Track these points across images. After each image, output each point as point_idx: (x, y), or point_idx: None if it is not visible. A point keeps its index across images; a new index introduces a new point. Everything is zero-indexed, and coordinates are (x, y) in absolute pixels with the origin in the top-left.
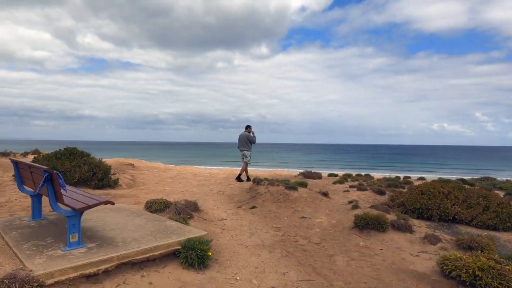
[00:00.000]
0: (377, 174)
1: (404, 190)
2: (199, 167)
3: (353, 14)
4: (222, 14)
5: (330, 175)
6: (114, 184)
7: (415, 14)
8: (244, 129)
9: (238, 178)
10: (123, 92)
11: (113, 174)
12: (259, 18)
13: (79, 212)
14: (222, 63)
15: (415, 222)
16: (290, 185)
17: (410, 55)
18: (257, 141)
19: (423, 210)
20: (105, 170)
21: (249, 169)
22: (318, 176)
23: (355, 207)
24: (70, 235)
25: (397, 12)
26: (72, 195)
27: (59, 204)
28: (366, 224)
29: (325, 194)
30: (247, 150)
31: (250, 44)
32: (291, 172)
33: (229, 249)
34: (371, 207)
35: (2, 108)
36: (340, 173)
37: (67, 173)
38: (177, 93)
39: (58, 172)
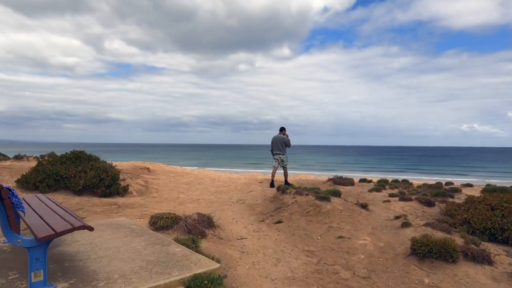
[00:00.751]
0: (409, 177)
1: (459, 201)
2: (219, 169)
3: (377, 13)
4: (244, 17)
5: (362, 180)
6: (123, 192)
7: (443, 11)
8: (278, 132)
9: (286, 183)
10: (148, 96)
11: (123, 180)
12: (281, 19)
13: (43, 243)
14: (244, 65)
15: (490, 248)
16: (322, 195)
17: (437, 53)
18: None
19: (496, 230)
20: (113, 176)
21: (268, 172)
22: (350, 182)
23: (406, 224)
24: (32, 273)
25: (423, 9)
26: (43, 211)
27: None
28: (429, 252)
29: (364, 206)
30: (283, 154)
31: (272, 46)
32: (318, 176)
33: (250, 285)
34: (426, 224)
35: (36, 113)
36: (369, 176)
37: (71, 179)
38: (200, 96)
39: (10, 188)
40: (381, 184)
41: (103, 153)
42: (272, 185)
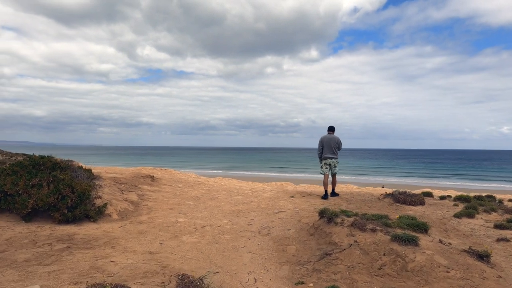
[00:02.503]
0: (457, 184)
1: None
2: (246, 173)
3: (409, 12)
4: (272, 20)
5: (426, 194)
6: (96, 214)
7: (482, 7)
8: (326, 132)
9: (333, 193)
10: (177, 100)
11: (96, 197)
12: (309, 21)
13: None
14: (272, 68)
15: None
16: (401, 235)
17: (475, 52)
18: (307, 146)
19: None
20: (82, 192)
21: (298, 178)
22: (418, 200)
23: None
24: None
25: (460, 6)
26: None
27: None
28: None
29: (483, 257)
30: (335, 158)
31: (299, 48)
32: (362, 186)
33: None
34: None
35: (74, 117)
36: (408, 182)
37: (16, 197)
38: (228, 99)
39: None
40: (472, 206)
41: (133, 155)
42: (326, 196)
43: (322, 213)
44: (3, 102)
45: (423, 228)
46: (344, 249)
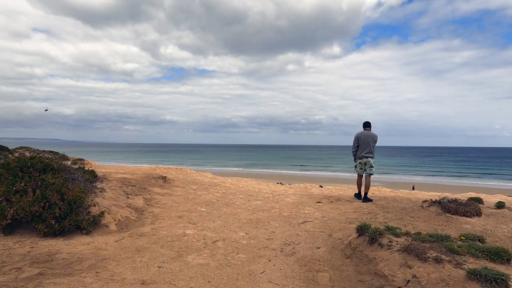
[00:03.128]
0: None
1: None
2: (267, 170)
3: (436, 5)
4: (294, 17)
5: (475, 200)
6: (89, 225)
7: None
8: (362, 128)
9: (365, 198)
10: (199, 98)
11: (92, 205)
12: (331, 17)
13: None
14: (293, 65)
15: None
16: (481, 272)
17: (506, 45)
18: (328, 143)
19: None
20: (73, 199)
21: (322, 177)
22: (474, 210)
23: None
24: None
25: None
26: None
27: None
28: None
29: None
30: (372, 157)
31: (321, 45)
32: (395, 189)
33: None
34: None
35: (100, 115)
36: (437, 182)
37: None
38: (249, 97)
39: None
40: None
41: (157, 153)
42: (360, 196)
43: (361, 230)
44: (35, 101)
45: (504, 257)
46: (399, 287)
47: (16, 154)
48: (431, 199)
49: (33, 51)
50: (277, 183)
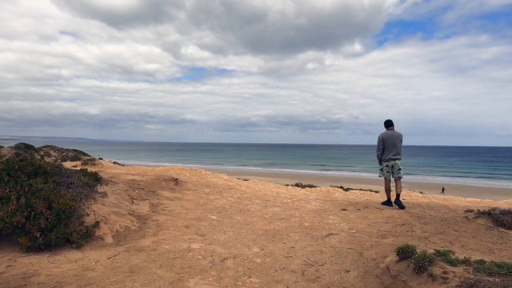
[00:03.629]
0: None
1: None
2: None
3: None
4: (314, 15)
5: None
6: (81, 237)
7: None
8: (384, 128)
9: (398, 202)
10: (219, 97)
11: (86, 214)
12: (353, 14)
13: None
14: (313, 63)
15: None
16: None
17: None
18: (349, 143)
19: None
20: (61, 208)
21: (343, 177)
22: None
23: None
24: None
25: None
26: None
27: None
28: None
29: None
30: (400, 159)
31: (342, 43)
32: (428, 193)
33: None
34: None
35: (123, 115)
36: (471, 183)
37: None
38: (268, 96)
39: None
40: None
41: (177, 151)
42: (389, 203)
43: (403, 253)
44: (62, 101)
45: None
46: None
47: (42, 153)
48: (478, 210)
49: (60, 53)
50: (297, 186)
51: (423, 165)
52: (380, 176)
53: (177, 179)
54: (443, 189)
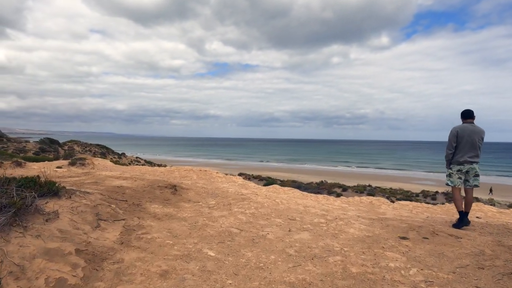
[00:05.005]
0: None
1: None
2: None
3: None
4: (340, 8)
5: None
6: None
7: None
8: (461, 120)
9: (463, 218)
10: (242, 92)
11: None
12: (380, 6)
13: None
14: (338, 58)
15: None
16: None
17: None
18: (374, 138)
19: None
20: None
21: (371, 172)
22: None
23: None
24: None
25: None
26: None
27: None
28: None
29: None
30: (477, 162)
31: (368, 36)
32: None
33: None
34: None
35: (149, 110)
36: None
37: None
38: (292, 91)
39: None
40: None
41: (200, 146)
42: (463, 222)
43: None
44: (91, 97)
45: None
46: None
47: (66, 147)
48: None
49: (90, 51)
50: (329, 193)
51: None
52: (448, 184)
53: (175, 185)
54: (491, 190)
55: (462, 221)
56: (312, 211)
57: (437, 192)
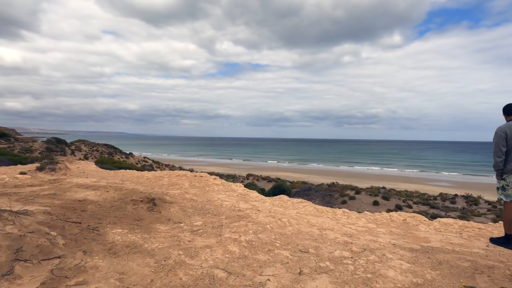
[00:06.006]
0: None
1: None
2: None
3: None
4: (351, 6)
5: None
6: None
7: None
8: (505, 118)
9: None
10: (252, 92)
11: None
12: (392, 4)
13: None
14: (349, 57)
15: None
16: None
17: None
18: (386, 138)
19: None
20: None
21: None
22: None
23: None
24: None
25: None
26: None
27: None
28: None
29: None
30: None
31: (380, 34)
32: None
33: None
34: None
35: (160, 110)
36: None
37: None
38: (302, 90)
39: None
40: None
41: (210, 146)
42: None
43: None
44: (104, 97)
45: None
46: None
47: (73, 147)
48: None
49: (103, 52)
50: (342, 197)
51: (473, 163)
52: (501, 199)
53: (154, 199)
54: None
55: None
56: (330, 236)
57: (456, 195)
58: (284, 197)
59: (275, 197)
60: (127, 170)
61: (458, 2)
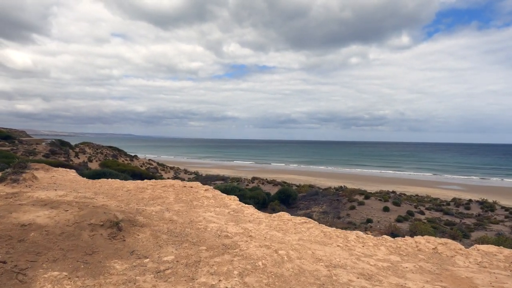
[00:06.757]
0: None
1: None
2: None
3: None
4: (359, 7)
5: None
6: None
7: None
8: None
9: None
10: (259, 94)
11: None
12: (401, 4)
13: None
14: (356, 58)
15: None
16: None
17: None
18: (394, 140)
19: None
20: None
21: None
22: None
23: None
24: None
25: None
26: None
27: None
28: None
29: None
30: None
31: (388, 35)
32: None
33: None
34: None
35: (168, 112)
36: None
37: None
38: (309, 92)
39: None
40: None
41: (217, 148)
42: None
43: None
44: (112, 99)
45: None
46: None
47: (77, 150)
48: None
49: (112, 54)
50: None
51: (483, 166)
52: None
53: (119, 222)
54: None
55: None
56: (342, 278)
57: (470, 200)
58: (285, 216)
59: (274, 215)
60: (108, 180)
61: (468, 2)
